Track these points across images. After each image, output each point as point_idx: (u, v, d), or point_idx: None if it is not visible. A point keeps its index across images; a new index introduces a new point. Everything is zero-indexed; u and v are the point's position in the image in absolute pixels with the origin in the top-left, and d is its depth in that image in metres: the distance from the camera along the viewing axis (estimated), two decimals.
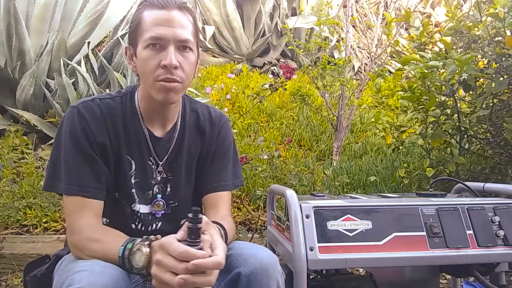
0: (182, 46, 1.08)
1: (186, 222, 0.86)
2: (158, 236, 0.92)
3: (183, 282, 0.82)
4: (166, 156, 1.20)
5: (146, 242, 0.92)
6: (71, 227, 1.06)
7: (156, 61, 1.06)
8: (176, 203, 1.22)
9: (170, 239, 0.87)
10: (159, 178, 1.20)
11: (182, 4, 1.10)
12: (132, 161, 1.16)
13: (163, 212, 1.20)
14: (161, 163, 1.19)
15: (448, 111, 2.30)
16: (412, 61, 2.06)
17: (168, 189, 1.21)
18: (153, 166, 1.19)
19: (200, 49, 1.21)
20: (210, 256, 0.86)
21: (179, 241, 0.86)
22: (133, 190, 1.17)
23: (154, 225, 1.20)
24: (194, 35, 1.11)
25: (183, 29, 1.07)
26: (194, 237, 0.85)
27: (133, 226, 1.18)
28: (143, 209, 1.18)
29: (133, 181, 1.17)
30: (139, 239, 0.94)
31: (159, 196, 1.20)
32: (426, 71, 1.99)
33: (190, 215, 0.85)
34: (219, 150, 1.26)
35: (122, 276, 0.93)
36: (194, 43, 1.11)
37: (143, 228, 1.19)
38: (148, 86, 1.10)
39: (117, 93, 1.19)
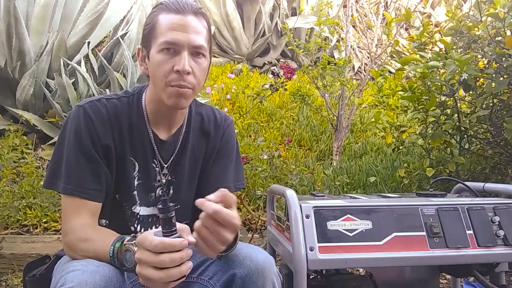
0: (196, 52, 1.08)
1: (159, 214, 0.84)
2: None
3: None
4: (171, 159, 1.20)
5: (134, 241, 0.90)
6: (65, 227, 1.06)
7: (170, 65, 1.06)
8: (179, 206, 1.22)
9: (145, 234, 0.85)
10: (164, 181, 1.20)
11: (197, 10, 1.10)
12: (136, 163, 1.16)
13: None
14: (165, 165, 1.19)
15: (448, 111, 2.30)
16: (412, 62, 2.06)
17: (171, 191, 1.21)
18: (157, 169, 1.18)
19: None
20: (189, 242, 0.83)
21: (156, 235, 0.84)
22: (135, 192, 1.17)
23: (154, 228, 1.19)
24: (208, 40, 1.12)
25: (198, 34, 1.07)
26: (168, 227, 0.83)
27: (133, 228, 1.18)
28: (143, 211, 1.18)
29: (136, 183, 1.16)
30: (127, 238, 0.93)
31: None
32: (427, 71, 1.99)
33: (159, 205, 0.82)
34: (222, 151, 1.26)
35: (116, 276, 0.92)
36: (207, 48, 1.11)
37: (142, 230, 1.18)
38: (159, 90, 1.09)
39: (124, 93, 1.19)
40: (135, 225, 1.18)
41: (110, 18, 4.03)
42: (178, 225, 0.85)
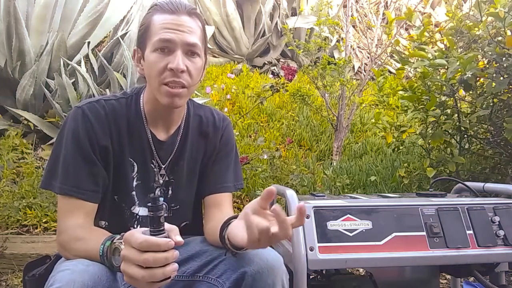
0: (190, 51, 1.09)
1: (148, 212, 0.83)
2: None
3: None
4: (169, 159, 1.20)
5: (122, 240, 0.89)
6: (60, 227, 1.06)
7: (163, 64, 1.07)
8: (178, 206, 1.23)
9: (133, 231, 0.84)
10: (161, 181, 1.20)
11: (191, 10, 1.11)
12: (135, 164, 1.16)
13: (165, 215, 1.20)
14: (163, 166, 1.20)
15: (448, 111, 2.30)
16: (418, 58, 2.06)
17: (170, 192, 1.22)
18: (155, 169, 1.19)
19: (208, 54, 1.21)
20: (176, 243, 0.82)
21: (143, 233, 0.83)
22: (134, 193, 1.17)
23: None
24: (202, 40, 1.13)
25: (192, 34, 1.09)
26: (155, 226, 0.82)
27: (132, 229, 1.18)
28: (142, 211, 1.18)
29: (134, 183, 1.17)
30: (117, 236, 0.92)
31: (161, 199, 1.20)
32: (432, 69, 1.98)
33: (149, 203, 0.81)
34: (221, 152, 1.27)
35: (106, 275, 0.92)
36: (202, 48, 1.13)
37: None
38: (154, 89, 1.11)
39: (123, 94, 1.20)
40: (135, 226, 1.18)
41: (110, 18, 4.02)
42: (167, 225, 0.84)
